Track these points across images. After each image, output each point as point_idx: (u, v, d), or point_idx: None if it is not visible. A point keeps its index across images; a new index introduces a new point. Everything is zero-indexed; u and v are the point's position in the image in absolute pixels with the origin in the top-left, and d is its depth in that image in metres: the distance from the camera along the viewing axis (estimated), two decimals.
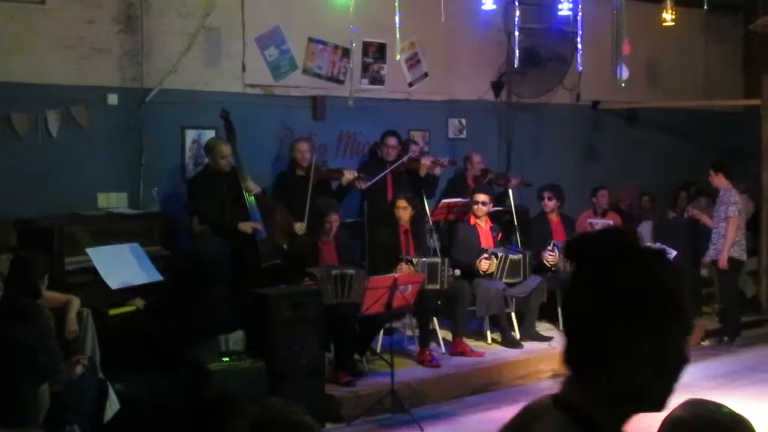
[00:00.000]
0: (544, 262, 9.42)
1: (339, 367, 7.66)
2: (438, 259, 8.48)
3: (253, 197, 8.18)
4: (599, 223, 10.52)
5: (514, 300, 9.11)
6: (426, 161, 9.50)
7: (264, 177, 8.99)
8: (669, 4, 10.68)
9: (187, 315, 7.21)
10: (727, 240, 9.76)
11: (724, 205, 9.84)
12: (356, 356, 7.98)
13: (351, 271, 7.73)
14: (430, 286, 8.26)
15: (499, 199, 10.07)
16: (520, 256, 8.97)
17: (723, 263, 9.84)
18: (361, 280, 7.56)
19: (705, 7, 9.21)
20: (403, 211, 8.52)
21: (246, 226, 8.06)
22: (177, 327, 7.13)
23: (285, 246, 8.23)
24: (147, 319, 7.23)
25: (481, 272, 8.80)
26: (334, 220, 8.16)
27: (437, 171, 9.62)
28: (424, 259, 8.39)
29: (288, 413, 2.34)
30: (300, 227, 8.43)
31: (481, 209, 9.08)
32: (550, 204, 9.83)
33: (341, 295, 7.63)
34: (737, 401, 8.14)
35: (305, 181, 8.79)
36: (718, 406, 2.49)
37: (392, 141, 9.53)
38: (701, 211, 11.76)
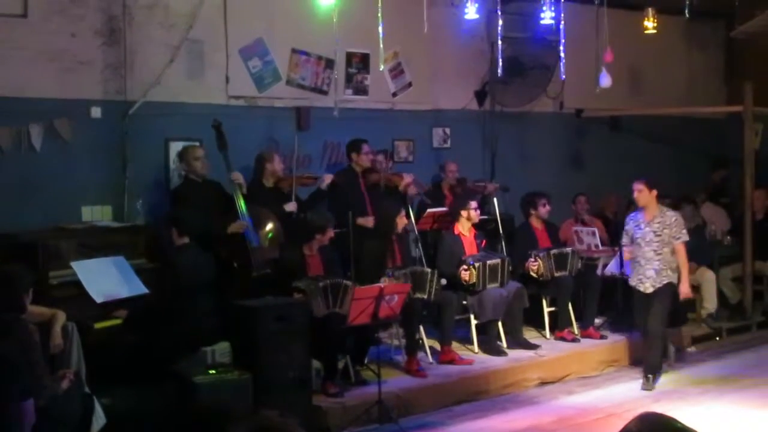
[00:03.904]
0: (530, 273, 9.43)
1: (327, 378, 7.64)
2: (425, 269, 8.50)
3: (245, 208, 8.16)
4: (584, 230, 10.55)
5: (501, 307, 9.10)
6: (408, 178, 9.53)
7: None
8: (650, 12, 10.76)
9: (171, 328, 7.18)
10: (684, 266, 8.66)
11: (670, 227, 8.61)
12: (357, 366, 7.99)
13: (346, 282, 7.71)
14: (418, 295, 8.27)
15: (484, 207, 10.09)
16: (498, 260, 8.96)
17: (686, 292, 8.79)
18: (352, 291, 7.56)
19: (686, 14, 9.25)
20: (404, 219, 8.65)
21: (236, 227, 8.06)
22: (161, 340, 7.10)
23: (275, 255, 8.23)
24: (132, 332, 7.20)
25: (464, 283, 8.80)
26: (331, 232, 8.15)
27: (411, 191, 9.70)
28: (409, 270, 8.41)
29: (283, 425, 2.34)
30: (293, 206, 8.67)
31: (473, 214, 9.14)
32: (543, 210, 9.86)
33: (332, 305, 7.60)
34: (723, 407, 8.19)
35: (276, 192, 8.80)
36: (671, 421, 2.48)
37: (367, 147, 9.51)
38: (686, 219, 11.82)
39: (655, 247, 8.57)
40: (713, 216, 12.13)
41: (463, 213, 9.15)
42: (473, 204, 9.25)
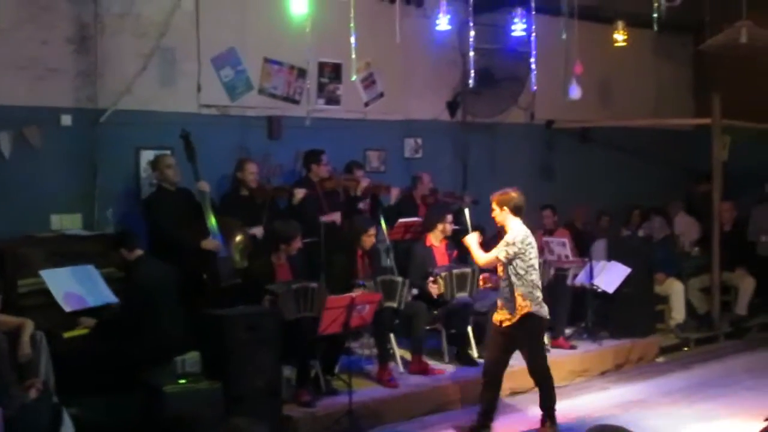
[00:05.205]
0: None
1: (299, 385, 7.62)
2: (395, 278, 8.52)
3: (214, 219, 8.17)
4: (554, 241, 10.60)
5: (471, 317, 9.12)
6: (364, 182, 9.57)
7: (219, 197, 8.99)
8: (620, 25, 10.85)
9: (139, 338, 7.14)
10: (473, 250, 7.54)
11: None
12: (328, 376, 7.97)
13: (313, 285, 7.72)
14: (388, 304, 8.28)
15: (455, 217, 10.12)
16: (467, 269, 8.95)
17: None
18: (323, 293, 7.55)
19: (655, 28, 9.34)
20: (373, 238, 8.65)
21: (209, 244, 8.06)
22: (129, 351, 7.05)
23: (245, 265, 8.23)
24: (101, 341, 7.15)
25: (434, 296, 8.79)
26: (298, 243, 8.14)
27: (391, 194, 9.76)
28: (378, 278, 8.43)
29: None
30: (260, 231, 8.65)
31: (448, 227, 9.17)
32: None
33: (303, 308, 7.60)
34: (692, 417, 8.25)
35: (251, 200, 8.83)
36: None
37: (325, 158, 9.54)
38: (653, 230, 11.94)
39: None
40: (686, 227, 12.26)
41: (439, 226, 9.19)
42: (449, 217, 9.28)
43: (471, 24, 9.05)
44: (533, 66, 9.35)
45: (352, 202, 9.61)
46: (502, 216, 7.31)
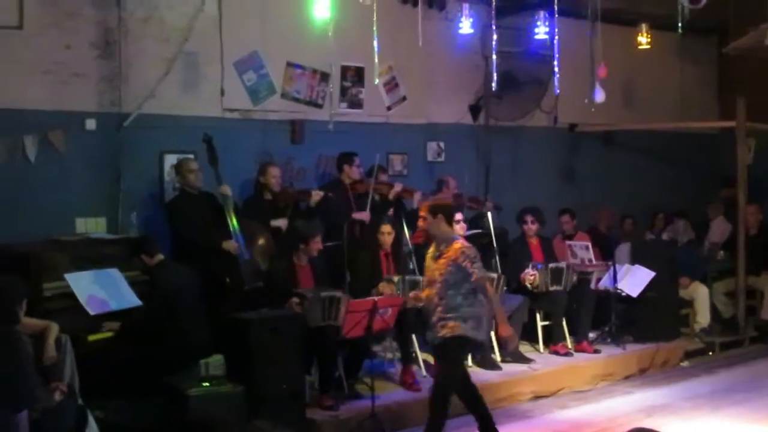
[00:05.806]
0: (526, 283, 9.44)
1: (323, 390, 7.63)
2: (418, 278, 8.48)
3: (236, 223, 8.21)
4: (578, 245, 10.58)
5: (493, 321, 9.09)
6: (398, 187, 9.56)
7: (242, 200, 9.02)
8: (644, 27, 10.81)
9: (161, 342, 7.16)
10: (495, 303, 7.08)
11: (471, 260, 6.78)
12: (351, 380, 7.96)
13: (339, 295, 7.72)
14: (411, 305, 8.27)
15: (478, 221, 10.11)
16: (493, 276, 8.90)
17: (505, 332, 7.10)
18: (346, 303, 7.55)
19: (679, 30, 9.30)
20: (388, 236, 8.63)
21: (230, 245, 8.10)
22: (152, 354, 7.08)
23: (266, 268, 8.25)
24: (125, 345, 7.18)
25: None
26: (318, 243, 8.15)
27: (414, 198, 9.74)
28: (407, 277, 8.42)
29: None
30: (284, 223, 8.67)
31: (457, 228, 9.13)
32: (533, 227, 9.87)
33: (328, 317, 7.61)
34: (716, 422, 8.19)
35: (274, 204, 8.86)
36: None
37: (358, 160, 9.56)
38: (678, 233, 11.88)
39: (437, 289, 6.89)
40: (723, 232, 12.18)
41: None
42: (456, 216, 9.19)
43: (494, 27, 9.04)
44: (556, 69, 9.33)
45: (382, 208, 9.57)
46: (435, 224, 6.82)
